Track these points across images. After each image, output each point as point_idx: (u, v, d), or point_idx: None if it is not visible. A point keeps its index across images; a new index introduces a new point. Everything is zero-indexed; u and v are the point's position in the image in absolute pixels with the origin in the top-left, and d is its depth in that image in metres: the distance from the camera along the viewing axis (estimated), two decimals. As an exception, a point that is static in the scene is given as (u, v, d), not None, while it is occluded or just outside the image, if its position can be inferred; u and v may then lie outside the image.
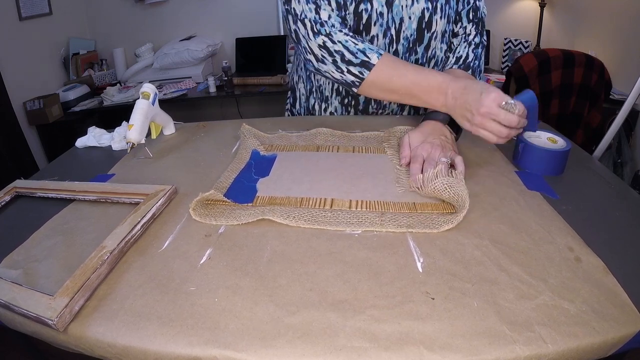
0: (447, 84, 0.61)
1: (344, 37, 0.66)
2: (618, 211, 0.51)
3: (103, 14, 2.53)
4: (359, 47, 0.66)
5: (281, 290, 0.40)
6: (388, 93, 0.68)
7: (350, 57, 0.66)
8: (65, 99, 2.14)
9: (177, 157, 0.72)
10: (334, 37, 0.66)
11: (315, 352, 0.33)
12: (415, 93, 0.65)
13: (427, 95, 0.64)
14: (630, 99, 1.02)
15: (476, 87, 0.58)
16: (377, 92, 0.69)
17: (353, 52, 0.66)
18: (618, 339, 0.34)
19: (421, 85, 0.64)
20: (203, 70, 2.40)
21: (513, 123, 0.55)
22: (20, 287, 0.40)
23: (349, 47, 0.66)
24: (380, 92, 0.69)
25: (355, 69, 0.66)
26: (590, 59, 1.55)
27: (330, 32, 0.67)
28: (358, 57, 0.65)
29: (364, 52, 0.65)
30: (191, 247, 0.47)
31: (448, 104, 0.62)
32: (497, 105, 0.55)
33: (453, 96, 0.60)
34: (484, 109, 0.55)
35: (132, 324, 0.37)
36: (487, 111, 0.55)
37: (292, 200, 0.55)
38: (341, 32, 0.67)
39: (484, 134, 0.58)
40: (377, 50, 0.66)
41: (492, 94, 0.55)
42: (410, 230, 0.47)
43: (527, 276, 0.40)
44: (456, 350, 0.33)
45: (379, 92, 0.69)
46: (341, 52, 0.66)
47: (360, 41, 0.67)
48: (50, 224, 0.54)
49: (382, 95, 0.69)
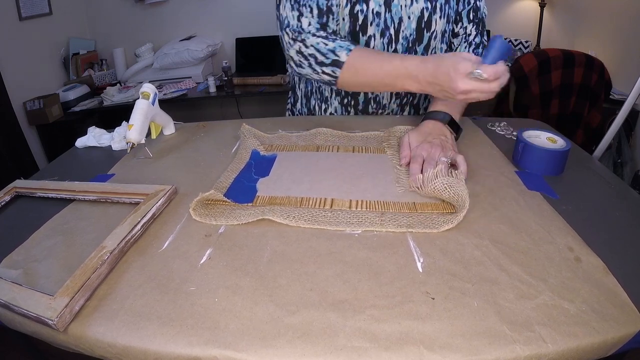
0: (417, 71, 0.61)
1: (315, 40, 0.68)
2: (618, 211, 0.51)
3: (103, 14, 2.53)
4: (329, 47, 0.67)
5: (281, 290, 0.40)
6: (365, 86, 0.69)
7: (322, 59, 0.68)
8: (65, 99, 2.14)
9: (177, 157, 0.72)
10: (307, 42, 0.68)
11: (315, 352, 0.33)
12: (388, 82, 0.66)
13: (401, 83, 0.64)
14: (630, 99, 1.02)
15: (444, 68, 0.57)
16: (355, 86, 0.70)
17: (324, 53, 0.67)
18: (618, 339, 0.34)
19: (392, 75, 0.64)
20: (203, 70, 2.40)
21: (489, 88, 0.55)
22: (20, 287, 0.40)
23: (320, 49, 0.68)
24: (357, 86, 0.70)
25: (328, 69, 0.68)
26: (590, 59, 1.55)
27: (304, 37, 0.68)
28: (329, 57, 0.67)
29: (333, 51, 0.67)
30: (191, 247, 0.47)
31: (424, 88, 0.62)
32: (470, 79, 0.55)
33: (426, 81, 0.60)
34: (459, 88, 0.56)
35: (132, 324, 0.37)
36: (463, 89, 0.56)
37: (292, 200, 0.55)
38: (314, 36, 0.68)
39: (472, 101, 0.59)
40: (347, 47, 0.67)
41: (459, 71, 0.55)
42: (410, 230, 0.47)
43: (527, 276, 0.40)
44: (456, 350, 0.33)
45: (356, 86, 0.70)
46: (314, 55, 0.68)
47: (331, 40, 0.68)
48: (50, 224, 0.54)
49: (361, 88, 0.71)
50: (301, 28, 0.69)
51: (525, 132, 0.63)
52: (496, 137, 0.73)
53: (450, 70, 0.56)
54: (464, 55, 0.57)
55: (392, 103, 0.83)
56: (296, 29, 0.69)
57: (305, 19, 0.69)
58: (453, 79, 0.56)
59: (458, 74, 0.55)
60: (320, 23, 0.70)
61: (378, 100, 0.82)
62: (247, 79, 2.30)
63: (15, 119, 1.90)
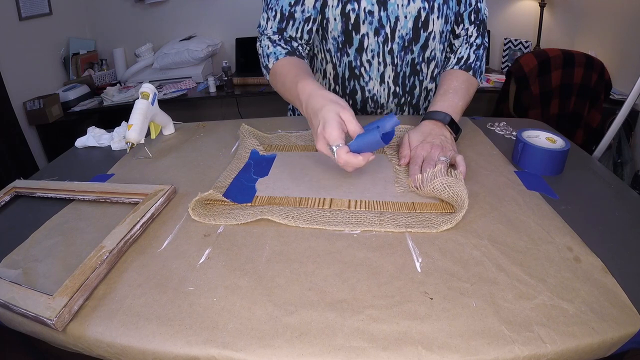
0: (306, 99, 0.59)
1: (266, 42, 0.76)
2: (618, 211, 0.51)
3: (103, 14, 2.53)
4: (269, 51, 0.75)
5: (280, 289, 0.40)
6: (281, 93, 0.73)
7: (263, 60, 0.77)
8: (65, 99, 2.14)
9: (176, 157, 0.72)
10: (262, 42, 0.77)
11: (314, 351, 0.33)
12: (287, 97, 0.70)
13: (295, 102, 0.65)
14: (630, 99, 1.02)
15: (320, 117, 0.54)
16: (278, 92, 0.74)
17: (264, 55, 0.76)
18: (617, 339, 0.34)
19: (290, 93, 0.66)
20: (203, 70, 2.40)
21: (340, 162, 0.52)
22: (20, 287, 0.40)
23: (264, 51, 0.76)
24: (279, 92, 0.74)
25: (264, 70, 0.78)
26: (590, 59, 1.55)
27: (262, 38, 0.77)
28: (265, 60, 0.76)
29: (268, 56, 0.75)
30: (190, 247, 0.47)
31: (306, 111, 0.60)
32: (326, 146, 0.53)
33: (307, 115, 0.59)
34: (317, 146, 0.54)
35: (131, 324, 0.37)
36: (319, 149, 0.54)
37: (291, 200, 0.55)
38: (268, 39, 0.76)
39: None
40: (278, 55, 0.73)
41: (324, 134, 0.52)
42: (409, 230, 0.47)
43: (526, 276, 0.40)
44: (455, 350, 0.33)
45: (278, 91, 0.74)
46: (261, 54, 0.77)
47: (274, 46, 0.74)
48: (50, 224, 0.54)
49: (281, 94, 0.74)
50: (264, 29, 0.77)
51: (524, 132, 0.63)
52: (496, 137, 0.73)
53: (320, 125, 0.53)
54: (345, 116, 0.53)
55: (390, 102, 0.83)
56: (261, 31, 0.78)
57: (269, 22, 0.76)
58: (317, 134, 0.54)
59: (321, 134, 0.53)
60: (278, 27, 0.75)
61: (375, 99, 0.82)
62: (247, 79, 2.31)
63: (15, 119, 1.90)
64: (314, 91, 0.58)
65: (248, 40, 2.48)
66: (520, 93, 1.59)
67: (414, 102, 0.85)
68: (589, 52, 1.63)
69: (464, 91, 0.71)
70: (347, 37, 0.75)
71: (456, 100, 0.69)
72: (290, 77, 0.66)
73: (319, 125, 0.54)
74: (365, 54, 0.77)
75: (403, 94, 0.82)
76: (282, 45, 0.74)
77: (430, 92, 0.85)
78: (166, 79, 2.42)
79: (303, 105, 0.60)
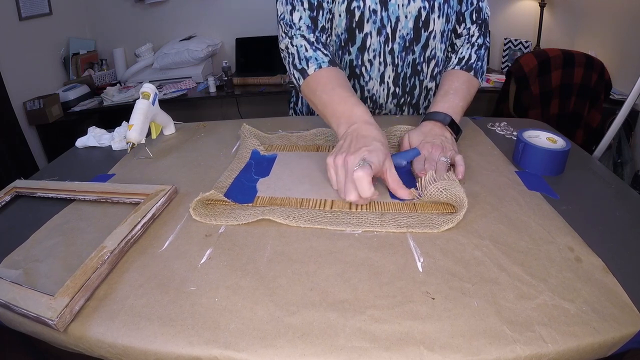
0: (355, 120, 0.57)
1: (301, 41, 0.69)
2: (618, 211, 0.51)
3: (103, 14, 2.53)
4: (307, 54, 0.68)
5: (281, 290, 0.40)
6: (312, 104, 0.68)
7: (297, 62, 0.69)
8: (65, 99, 2.14)
9: (177, 157, 0.72)
10: (294, 41, 0.70)
11: (316, 352, 0.33)
12: (323, 110, 0.63)
13: (334, 117, 0.61)
14: (630, 99, 1.02)
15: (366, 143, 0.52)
16: (309, 100, 0.69)
17: (300, 57, 0.69)
18: (618, 339, 0.34)
19: (333, 108, 0.61)
20: (203, 70, 2.40)
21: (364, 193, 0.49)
22: (21, 287, 0.40)
23: (300, 53, 0.69)
24: (310, 101, 0.69)
25: (297, 74, 0.70)
26: (590, 59, 1.55)
27: (294, 35, 0.70)
28: (301, 64, 0.68)
29: (307, 60, 0.68)
30: (191, 247, 0.47)
31: (337, 138, 0.58)
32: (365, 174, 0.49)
33: (345, 131, 0.57)
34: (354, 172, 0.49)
35: (132, 324, 0.37)
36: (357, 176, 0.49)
37: (292, 201, 0.55)
38: (302, 37, 0.70)
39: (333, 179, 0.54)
40: (320, 62, 0.67)
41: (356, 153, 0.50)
42: (410, 230, 0.47)
43: (527, 276, 0.40)
44: (456, 350, 0.33)
45: (309, 100, 0.68)
46: (293, 55, 0.70)
47: (313, 49, 0.68)
48: (50, 224, 0.54)
49: (311, 104, 0.69)
50: (292, 22, 0.71)
51: (525, 132, 0.63)
52: (496, 137, 0.73)
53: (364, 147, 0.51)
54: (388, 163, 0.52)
55: (389, 103, 0.83)
56: (288, 23, 0.71)
57: (297, 13, 0.70)
58: (358, 148, 0.51)
59: (361, 151, 0.50)
60: (310, 17, 0.70)
61: (375, 99, 0.82)
62: (247, 79, 2.31)
63: (15, 119, 1.90)
64: (371, 121, 0.57)
65: (248, 40, 2.49)
66: (520, 93, 1.59)
67: (414, 101, 0.85)
68: (589, 52, 1.63)
69: (464, 92, 0.71)
70: (350, 34, 0.75)
71: (457, 101, 0.69)
72: (341, 96, 0.62)
73: (363, 146, 0.51)
74: (367, 53, 0.77)
75: (402, 94, 0.82)
76: (322, 50, 0.69)
77: (431, 91, 0.85)
78: (166, 79, 2.42)
79: (349, 128, 0.56)
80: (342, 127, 0.58)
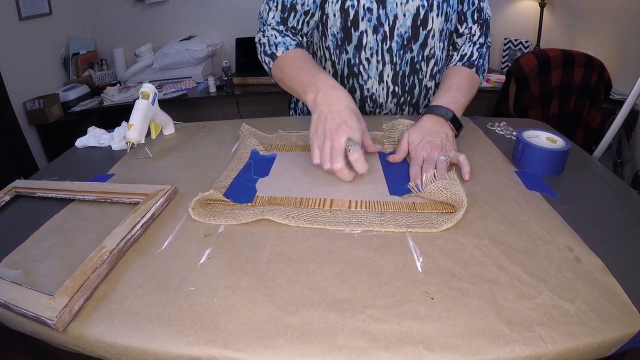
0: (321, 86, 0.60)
1: (272, 32, 0.75)
2: (618, 211, 0.51)
3: (103, 14, 2.53)
4: (277, 40, 0.74)
5: (280, 289, 0.40)
6: (282, 83, 0.73)
7: (267, 49, 0.75)
8: (65, 99, 2.13)
9: (176, 157, 0.72)
10: (266, 33, 0.76)
11: (315, 351, 0.33)
12: (292, 86, 0.68)
13: (302, 91, 0.64)
14: (630, 99, 1.02)
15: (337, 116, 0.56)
16: (281, 82, 0.74)
17: (270, 44, 0.75)
18: (618, 339, 0.34)
19: (300, 82, 0.65)
20: (203, 70, 2.40)
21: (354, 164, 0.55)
22: (20, 287, 0.40)
23: (270, 40, 0.75)
24: (281, 83, 0.74)
25: (267, 59, 0.76)
26: (590, 59, 1.55)
27: (265, 29, 0.77)
28: (271, 49, 0.74)
29: (277, 45, 0.74)
30: (191, 246, 0.47)
31: (317, 99, 0.60)
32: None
33: (315, 103, 0.60)
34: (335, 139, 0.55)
35: (131, 324, 0.37)
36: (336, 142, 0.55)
37: (292, 201, 0.55)
38: (273, 29, 0.76)
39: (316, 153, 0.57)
40: (289, 45, 0.73)
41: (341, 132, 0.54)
42: (409, 230, 0.47)
43: (526, 276, 0.40)
44: (455, 350, 0.33)
45: (281, 82, 0.74)
46: (265, 44, 0.76)
47: (282, 36, 0.74)
48: (50, 224, 0.54)
49: (283, 85, 0.73)
50: (265, 20, 0.77)
51: (525, 132, 0.63)
52: (496, 137, 0.73)
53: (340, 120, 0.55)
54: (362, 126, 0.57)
55: (389, 102, 0.83)
56: (263, 20, 0.78)
57: (271, 12, 0.76)
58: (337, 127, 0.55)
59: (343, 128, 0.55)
60: (281, 17, 0.76)
61: (374, 98, 0.82)
62: (247, 79, 2.30)
63: (15, 119, 1.90)
64: (336, 85, 0.61)
65: (248, 40, 2.48)
66: (520, 93, 1.59)
67: (414, 101, 0.85)
68: (589, 52, 1.63)
69: (466, 87, 0.71)
70: (346, 33, 0.75)
71: (459, 96, 0.69)
72: (305, 68, 0.67)
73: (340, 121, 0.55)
74: (364, 51, 0.77)
75: (402, 93, 0.82)
76: (290, 36, 0.75)
77: (430, 90, 0.85)
78: (166, 79, 2.42)
79: (317, 95, 0.60)
80: (310, 94, 0.62)
